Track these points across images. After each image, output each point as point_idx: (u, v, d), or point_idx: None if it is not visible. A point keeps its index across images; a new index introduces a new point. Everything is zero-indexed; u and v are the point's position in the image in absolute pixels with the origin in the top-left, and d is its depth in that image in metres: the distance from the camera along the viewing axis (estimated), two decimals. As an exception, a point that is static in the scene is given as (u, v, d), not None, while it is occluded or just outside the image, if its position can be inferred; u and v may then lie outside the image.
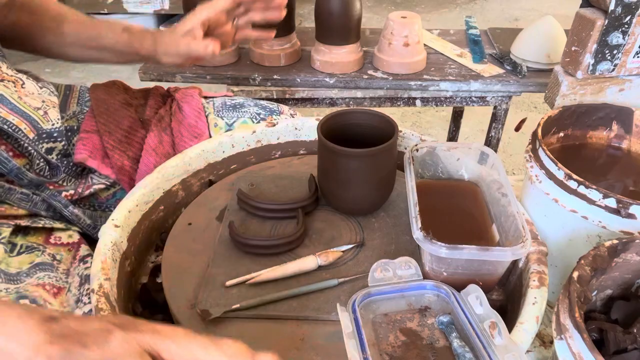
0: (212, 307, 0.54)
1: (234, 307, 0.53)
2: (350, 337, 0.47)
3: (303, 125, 0.80)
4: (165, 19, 2.78)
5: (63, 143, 0.73)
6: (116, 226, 0.60)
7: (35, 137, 0.70)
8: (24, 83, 0.73)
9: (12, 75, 0.73)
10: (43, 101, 0.74)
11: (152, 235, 0.70)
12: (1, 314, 0.36)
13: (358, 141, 0.65)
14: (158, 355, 0.36)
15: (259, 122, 0.85)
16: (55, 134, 0.72)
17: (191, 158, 0.73)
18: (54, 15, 0.80)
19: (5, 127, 0.65)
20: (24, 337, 0.35)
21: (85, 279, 0.60)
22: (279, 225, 0.65)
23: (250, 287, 0.57)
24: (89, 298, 0.58)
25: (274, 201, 0.66)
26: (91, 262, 0.61)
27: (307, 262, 0.58)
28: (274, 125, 0.79)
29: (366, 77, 1.11)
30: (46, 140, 0.72)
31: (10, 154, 0.66)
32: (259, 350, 0.45)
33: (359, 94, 1.14)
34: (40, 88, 0.76)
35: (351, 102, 1.15)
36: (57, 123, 0.73)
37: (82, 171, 0.77)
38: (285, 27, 1.12)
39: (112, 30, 0.79)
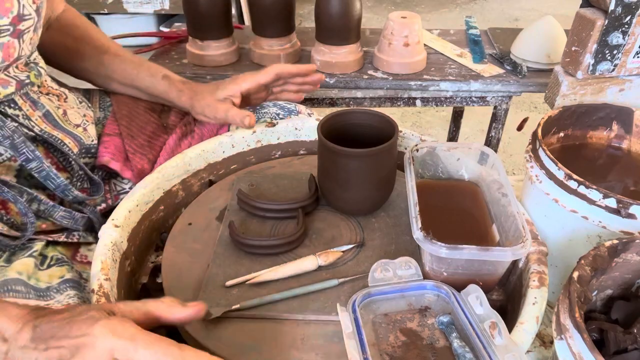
0: (212, 307, 0.54)
1: (234, 307, 0.53)
2: (350, 337, 0.47)
3: (303, 125, 0.80)
4: (165, 19, 2.78)
5: (95, 158, 0.74)
6: (116, 226, 0.60)
7: (78, 152, 0.70)
8: (66, 97, 0.74)
9: (56, 89, 0.73)
10: (84, 115, 0.75)
11: (152, 235, 0.70)
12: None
13: (358, 141, 0.65)
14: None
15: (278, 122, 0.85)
16: (92, 150, 0.73)
17: (191, 158, 0.73)
18: (97, 45, 0.81)
19: (52, 139, 0.66)
20: (15, 316, 0.42)
21: None
22: (279, 225, 0.65)
23: (251, 287, 0.57)
24: None
25: (274, 201, 0.66)
26: None
27: (307, 262, 0.58)
28: (274, 125, 0.79)
29: (366, 77, 1.11)
30: (83, 156, 0.72)
31: (54, 167, 0.67)
32: (260, 349, 0.45)
33: (359, 94, 1.14)
34: (80, 102, 0.77)
35: (351, 102, 1.15)
36: (94, 141, 0.74)
37: (104, 177, 0.77)
38: (285, 27, 1.12)
39: (152, 75, 0.80)
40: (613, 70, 0.72)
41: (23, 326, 0.42)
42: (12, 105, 0.64)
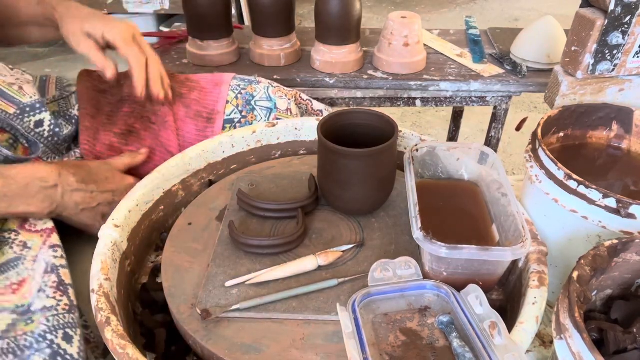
0: (212, 307, 0.54)
1: (234, 307, 0.53)
2: (350, 337, 0.47)
3: (303, 125, 0.80)
4: (165, 19, 2.78)
5: (49, 112, 0.74)
6: (116, 226, 0.60)
7: (18, 112, 0.70)
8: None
9: None
10: (17, 79, 0.74)
11: (152, 235, 0.70)
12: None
13: (358, 141, 0.65)
14: None
15: (239, 92, 0.85)
16: (37, 105, 0.73)
17: (191, 158, 0.73)
18: None
19: None
20: (46, 166, 0.63)
21: (52, 269, 0.58)
22: (279, 225, 0.65)
23: (251, 287, 0.57)
24: (53, 292, 0.56)
25: (274, 201, 0.66)
26: (61, 253, 0.60)
27: (307, 262, 0.58)
28: (274, 125, 0.79)
29: (366, 77, 1.11)
30: (32, 114, 0.72)
31: None
32: (260, 349, 0.44)
33: (359, 94, 1.14)
34: (12, 69, 0.77)
35: (351, 102, 1.15)
36: (35, 96, 0.73)
37: (68, 149, 0.79)
38: (285, 27, 1.12)
39: (28, 4, 0.79)
40: (613, 70, 0.72)
41: (61, 171, 0.61)
42: None
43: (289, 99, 0.88)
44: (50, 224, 0.65)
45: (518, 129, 1.15)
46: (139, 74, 0.74)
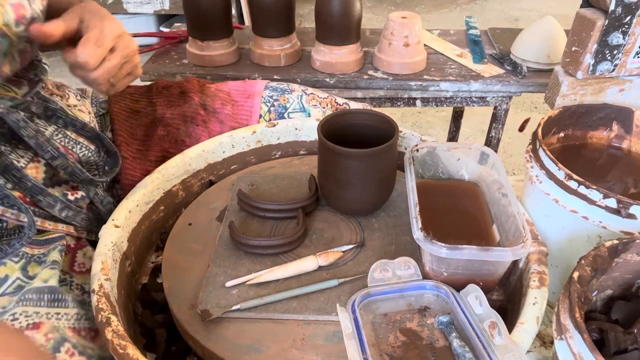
0: (213, 307, 0.54)
1: (234, 307, 0.53)
2: (350, 337, 0.47)
3: (303, 126, 0.80)
4: (165, 19, 2.78)
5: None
6: (116, 226, 0.60)
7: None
8: (68, 96, 0.74)
9: (58, 89, 0.73)
10: (89, 112, 0.75)
11: (152, 235, 0.70)
12: None
13: (358, 141, 0.65)
14: None
15: (272, 105, 0.84)
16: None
17: (191, 158, 0.73)
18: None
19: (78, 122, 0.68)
20: None
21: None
22: (279, 225, 0.65)
23: (251, 287, 0.57)
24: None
25: (274, 201, 0.66)
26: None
27: (307, 263, 0.58)
28: (274, 125, 0.79)
29: (366, 77, 1.11)
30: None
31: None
32: (261, 349, 0.44)
33: (359, 94, 1.14)
34: (78, 99, 0.76)
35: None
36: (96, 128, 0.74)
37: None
38: (285, 28, 1.12)
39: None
40: (613, 70, 0.72)
41: None
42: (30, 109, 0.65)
43: (324, 107, 0.86)
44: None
45: (521, 129, 1.15)
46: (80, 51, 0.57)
